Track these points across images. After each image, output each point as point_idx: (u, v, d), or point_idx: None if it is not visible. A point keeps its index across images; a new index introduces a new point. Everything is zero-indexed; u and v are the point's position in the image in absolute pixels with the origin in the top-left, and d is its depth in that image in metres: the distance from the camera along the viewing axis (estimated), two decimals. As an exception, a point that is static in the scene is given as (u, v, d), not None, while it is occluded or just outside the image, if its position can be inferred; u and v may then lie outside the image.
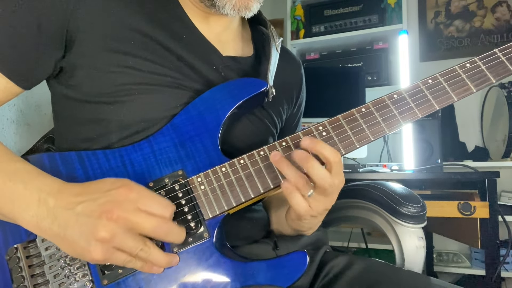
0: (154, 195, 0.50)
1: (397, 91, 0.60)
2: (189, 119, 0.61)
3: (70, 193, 0.50)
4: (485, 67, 0.59)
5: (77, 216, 0.48)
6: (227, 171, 0.57)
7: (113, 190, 0.48)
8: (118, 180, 0.50)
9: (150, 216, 0.48)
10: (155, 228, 0.48)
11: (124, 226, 0.47)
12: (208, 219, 0.56)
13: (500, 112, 2.08)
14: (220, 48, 0.69)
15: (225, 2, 0.62)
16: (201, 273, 0.54)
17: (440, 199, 1.33)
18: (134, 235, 0.48)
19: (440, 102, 0.59)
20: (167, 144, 0.59)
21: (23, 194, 0.51)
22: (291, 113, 0.82)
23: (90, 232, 0.46)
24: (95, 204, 0.47)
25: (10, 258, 0.54)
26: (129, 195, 0.48)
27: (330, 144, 0.57)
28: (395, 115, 0.58)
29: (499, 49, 0.60)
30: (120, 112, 0.61)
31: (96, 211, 0.47)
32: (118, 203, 0.47)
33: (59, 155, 0.59)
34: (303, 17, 2.47)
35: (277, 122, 0.76)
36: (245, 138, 0.68)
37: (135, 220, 0.47)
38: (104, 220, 0.46)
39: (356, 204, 0.95)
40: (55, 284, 0.52)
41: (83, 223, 0.47)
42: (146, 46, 0.62)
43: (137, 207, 0.47)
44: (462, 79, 0.59)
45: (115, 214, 0.46)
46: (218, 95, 0.62)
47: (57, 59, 0.61)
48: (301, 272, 0.54)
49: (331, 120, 0.59)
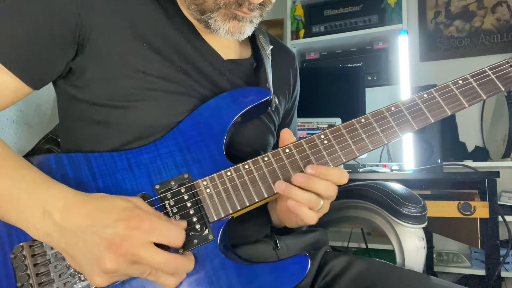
0: (166, 224, 0.49)
1: (394, 103, 0.63)
2: (194, 124, 0.62)
3: (77, 213, 0.49)
4: (476, 84, 0.63)
5: (85, 241, 0.47)
6: (232, 175, 0.58)
7: (124, 221, 0.47)
8: (129, 205, 0.49)
9: (159, 253, 0.47)
10: (162, 265, 0.48)
11: (131, 259, 0.46)
12: (213, 222, 0.56)
13: (500, 112, 2.08)
14: (222, 53, 0.70)
15: (218, 26, 0.63)
16: (205, 275, 0.54)
17: (440, 199, 1.33)
18: (140, 265, 0.47)
19: (435, 116, 0.62)
20: (173, 148, 0.60)
21: (28, 206, 0.50)
22: (286, 108, 0.84)
23: (96, 261, 0.46)
24: (104, 233, 0.46)
25: (16, 256, 0.54)
26: (140, 228, 0.47)
27: (331, 152, 0.60)
28: (392, 126, 0.61)
29: (489, 67, 0.65)
30: (127, 116, 0.61)
31: (105, 242, 0.46)
32: (127, 238, 0.46)
33: (66, 156, 0.59)
34: (303, 17, 2.48)
35: (275, 120, 0.77)
36: (247, 139, 0.70)
37: (143, 256, 0.46)
38: (112, 254, 0.45)
39: (356, 204, 0.95)
40: (60, 283, 0.53)
41: (90, 251, 0.46)
42: (155, 50, 0.63)
43: (148, 240, 0.47)
44: (455, 95, 0.63)
45: (123, 249, 0.45)
46: (223, 102, 0.64)
47: (68, 60, 0.61)
48: (303, 275, 0.55)
49: (332, 130, 0.61)
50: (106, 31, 0.61)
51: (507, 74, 0.63)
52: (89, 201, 0.50)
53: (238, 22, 0.63)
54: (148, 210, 0.50)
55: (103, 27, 0.61)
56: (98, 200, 0.50)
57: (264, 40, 0.76)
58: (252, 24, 0.66)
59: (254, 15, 0.64)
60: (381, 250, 2.06)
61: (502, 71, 0.63)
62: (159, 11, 0.65)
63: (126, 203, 0.49)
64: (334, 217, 1.00)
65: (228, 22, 0.63)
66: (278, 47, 0.83)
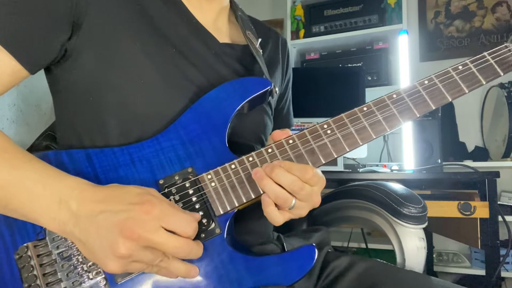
0: (178, 212, 0.49)
1: (396, 91, 0.63)
2: (196, 117, 0.61)
3: (92, 199, 0.49)
4: (476, 69, 0.63)
5: (98, 227, 0.47)
6: (237, 168, 0.58)
7: (137, 205, 0.47)
8: (143, 191, 0.49)
9: (171, 237, 0.47)
10: (175, 249, 0.47)
11: (144, 244, 0.46)
12: (219, 215, 0.56)
13: (500, 112, 2.08)
14: (217, 36, 0.71)
15: None
16: (214, 268, 0.54)
17: (440, 199, 1.33)
18: (153, 251, 0.47)
19: (436, 102, 0.62)
20: (176, 141, 0.60)
21: (43, 195, 0.50)
22: (280, 92, 0.84)
23: (109, 247, 0.46)
24: (117, 218, 0.46)
25: (21, 256, 0.53)
26: (152, 213, 0.47)
27: (335, 141, 0.59)
28: (394, 113, 0.61)
29: (488, 52, 0.64)
30: (125, 101, 0.60)
31: (117, 227, 0.46)
32: (140, 222, 0.46)
33: (65, 153, 0.58)
34: (303, 17, 2.47)
35: (272, 104, 0.78)
36: (248, 127, 0.70)
37: (157, 240, 0.46)
38: (124, 238, 0.45)
39: (356, 204, 0.95)
40: (68, 283, 0.52)
41: (103, 236, 0.46)
42: (152, 31, 0.63)
43: (159, 225, 0.47)
44: (455, 81, 0.62)
45: (135, 233, 0.45)
46: (223, 93, 0.63)
47: (63, 40, 0.60)
48: (310, 265, 0.55)
49: (335, 119, 0.61)
50: (101, 12, 0.60)
51: (506, 59, 0.63)
52: (103, 190, 0.50)
53: None
54: (161, 198, 0.50)
55: (98, 8, 0.60)
56: (112, 188, 0.51)
57: (252, 35, 0.76)
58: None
59: None
60: (381, 250, 2.06)
61: (501, 56, 0.64)
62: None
63: (140, 189, 0.50)
64: (334, 217, 1.00)
65: None
66: (268, 32, 0.84)
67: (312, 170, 0.54)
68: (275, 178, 0.53)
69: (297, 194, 0.54)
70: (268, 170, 0.53)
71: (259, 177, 0.54)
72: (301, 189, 0.53)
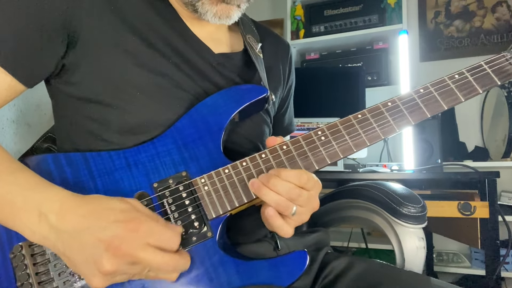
0: (164, 228, 0.49)
1: (391, 99, 0.63)
2: (192, 122, 0.62)
3: (74, 213, 0.48)
4: (473, 78, 0.63)
5: (82, 243, 0.47)
6: (230, 172, 0.58)
7: (123, 223, 0.47)
8: (128, 207, 0.49)
9: (158, 254, 0.47)
10: (161, 265, 0.48)
11: (130, 261, 0.46)
12: (211, 219, 0.56)
13: (500, 112, 2.08)
14: (213, 46, 0.70)
15: (206, 9, 0.63)
16: (205, 271, 0.55)
17: (440, 199, 1.33)
18: (139, 265, 0.47)
19: (431, 110, 0.62)
20: (171, 146, 0.60)
21: (23, 209, 0.50)
22: (281, 97, 0.84)
23: (94, 263, 0.46)
24: (102, 235, 0.46)
25: (15, 256, 0.54)
26: (138, 231, 0.46)
27: (328, 147, 0.59)
28: (389, 121, 0.61)
29: (485, 61, 0.65)
30: (123, 112, 0.61)
31: (103, 243, 0.45)
32: (125, 240, 0.46)
33: (63, 156, 0.59)
34: (303, 17, 2.47)
35: (270, 111, 0.77)
36: (245, 134, 0.70)
37: (143, 257, 0.46)
38: (110, 255, 0.45)
39: (356, 204, 0.95)
40: (60, 282, 0.53)
41: (88, 252, 0.46)
42: (146, 43, 0.63)
43: (146, 242, 0.46)
44: (451, 89, 0.63)
45: (122, 251, 0.45)
46: (220, 100, 0.64)
47: (59, 56, 0.61)
48: (301, 271, 0.55)
49: (329, 126, 0.61)
50: (96, 26, 0.60)
51: (503, 68, 0.64)
52: (86, 203, 0.50)
53: (226, 5, 0.64)
54: (145, 213, 0.50)
55: (93, 22, 0.60)
56: (95, 201, 0.50)
57: (253, 39, 0.76)
58: (239, 9, 0.66)
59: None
60: (381, 250, 2.06)
61: (498, 65, 0.64)
62: (147, 5, 0.65)
63: (124, 204, 0.49)
64: (334, 217, 1.00)
65: (215, 5, 0.63)
66: (271, 37, 0.83)
67: (307, 175, 0.54)
68: (272, 187, 0.53)
69: (295, 201, 0.54)
70: (264, 180, 0.54)
71: (257, 188, 0.54)
72: (299, 195, 0.53)
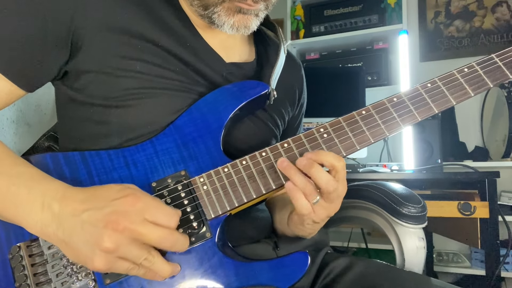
0: (161, 205, 0.49)
1: (396, 94, 0.61)
2: (191, 120, 0.61)
3: (75, 199, 0.49)
4: (483, 71, 0.61)
5: (82, 224, 0.47)
6: (230, 171, 0.57)
7: (120, 199, 0.47)
8: (124, 187, 0.50)
9: (156, 227, 0.47)
10: (161, 239, 0.48)
11: (129, 236, 0.46)
12: (210, 219, 0.56)
13: (500, 112, 2.08)
14: (224, 55, 0.69)
15: (223, 21, 0.62)
16: (203, 272, 0.54)
17: (440, 199, 1.33)
18: (139, 245, 0.47)
19: (439, 106, 0.60)
20: (170, 145, 0.60)
21: (26, 199, 0.50)
22: (293, 114, 0.82)
23: (95, 242, 0.46)
24: (101, 213, 0.47)
25: (13, 256, 0.54)
26: (135, 205, 0.47)
27: (331, 145, 0.58)
28: (394, 118, 0.59)
29: (496, 54, 0.62)
30: (126, 115, 0.61)
31: (102, 221, 0.46)
32: (124, 214, 0.46)
33: (62, 155, 0.59)
34: (303, 17, 2.47)
35: (279, 124, 0.76)
36: (247, 139, 0.68)
37: (141, 231, 0.46)
38: (110, 231, 0.46)
39: (356, 204, 0.95)
40: (58, 283, 0.53)
41: (88, 232, 0.47)
42: (152, 51, 0.62)
43: (143, 217, 0.47)
44: (460, 83, 0.60)
45: (121, 225, 0.46)
46: (220, 97, 0.63)
47: (61, 63, 0.61)
48: (302, 272, 0.54)
49: (332, 122, 0.60)
50: (102, 33, 0.60)
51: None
52: (85, 190, 0.51)
53: (243, 15, 0.61)
54: (142, 192, 0.50)
55: (98, 29, 0.60)
56: (93, 188, 0.51)
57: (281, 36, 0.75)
58: (258, 18, 0.64)
59: (260, 7, 0.62)
60: (381, 250, 2.06)
61: (510, 58, 0.61)
62: (157, 12, 0.64)
63: (120, 186, 0.50)
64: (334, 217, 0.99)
65: (232, 16, 0.61)
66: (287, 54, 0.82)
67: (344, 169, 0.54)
68: (313, 174, 0.53)
69: (329, 194, 0.54)
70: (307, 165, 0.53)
71: (287, 167, 0.54)
72: (335, 189, 0.54)
